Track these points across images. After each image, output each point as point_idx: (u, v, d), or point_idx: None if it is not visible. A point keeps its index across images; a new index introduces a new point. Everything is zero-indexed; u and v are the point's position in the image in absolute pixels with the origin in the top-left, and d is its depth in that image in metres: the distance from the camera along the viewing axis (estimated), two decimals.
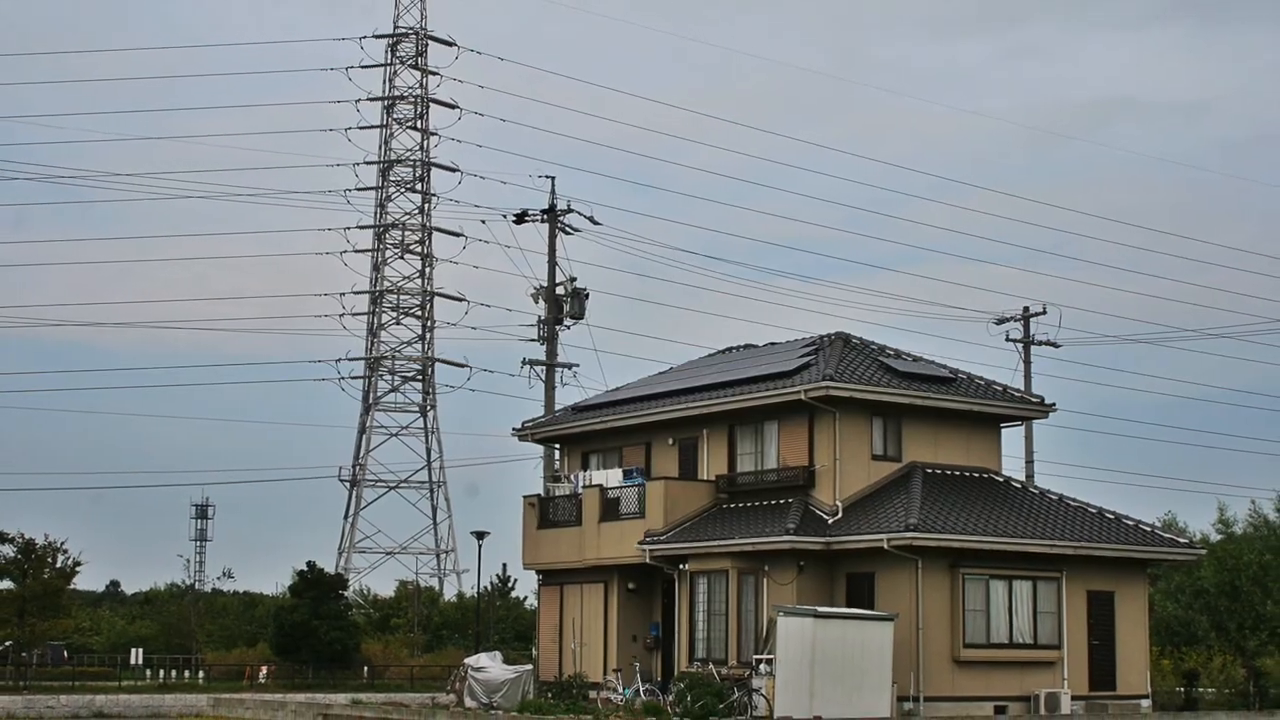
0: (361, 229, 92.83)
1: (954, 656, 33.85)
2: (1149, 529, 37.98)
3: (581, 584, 39.68)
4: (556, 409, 47.57)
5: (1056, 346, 59.81)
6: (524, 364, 50.72)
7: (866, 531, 34.09)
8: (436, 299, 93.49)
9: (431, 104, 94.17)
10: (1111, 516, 37.50)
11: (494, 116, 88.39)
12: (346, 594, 69.32)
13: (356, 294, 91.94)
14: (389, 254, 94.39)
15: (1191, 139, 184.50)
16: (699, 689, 32.61)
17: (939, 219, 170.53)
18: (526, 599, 77.28)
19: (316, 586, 63.45)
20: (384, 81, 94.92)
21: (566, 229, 52.10)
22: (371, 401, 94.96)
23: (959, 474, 37.39)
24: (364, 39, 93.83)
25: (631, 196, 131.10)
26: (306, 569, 64.42)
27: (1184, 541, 40.31)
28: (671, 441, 39.58)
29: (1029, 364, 59.22)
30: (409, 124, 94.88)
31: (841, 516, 35.13)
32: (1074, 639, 35.66)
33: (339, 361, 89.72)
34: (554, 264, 51.47)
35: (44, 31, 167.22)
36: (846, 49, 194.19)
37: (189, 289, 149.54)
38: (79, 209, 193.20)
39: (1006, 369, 58.31)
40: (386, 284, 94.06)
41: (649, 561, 37.15)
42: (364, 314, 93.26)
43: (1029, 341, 59.44)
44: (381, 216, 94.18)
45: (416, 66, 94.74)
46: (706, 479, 38.44)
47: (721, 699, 32.34)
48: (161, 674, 63.63)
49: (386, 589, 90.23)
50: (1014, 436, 56.12)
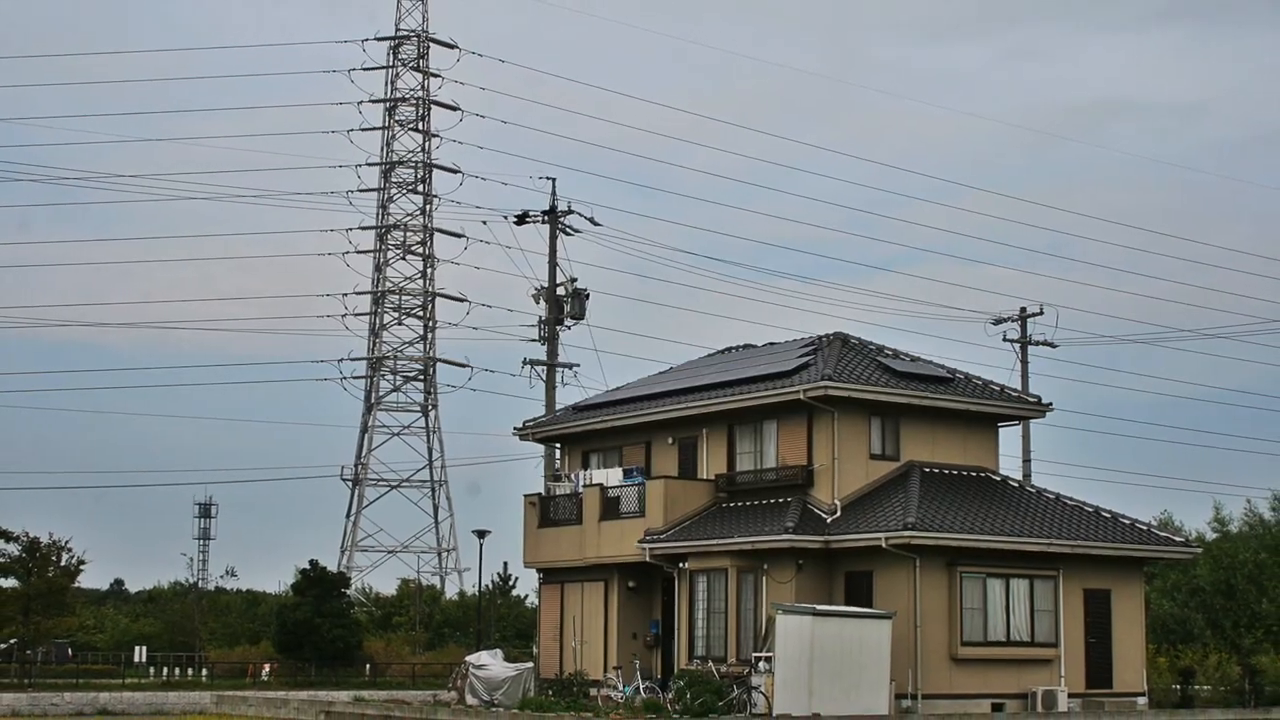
0: (363, 230, 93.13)
1: (951, 654, 33.98)
2: (1145, 528, 38.10)
3: (582, 582, 39.82)
4: (557, 409, 47.72)
5: (1053, 346, 59.91)
6: (525, 364, 50.86)
7: (865, 530, 34.23)
8: (438, 299, 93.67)
9: (433, 106, 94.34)
10: (1108, 515, 37.59)
11: (495, 118, 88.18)
12: (349, 592, 69.34)
13: (358, 294, 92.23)
14: (391, 255, 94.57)
15: (1187, 141, 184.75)
16: (699, 686, 32.79)
17: (937, 220, 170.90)
18: (527, 597, 77.48)
19: (319, 585, 63.56)
20: (386, 83, 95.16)
21: (567, 230, 52.31)
22: (373, 401, 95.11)
23: (956, 473, 37.54)
24: (366, 41, 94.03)
25: (632, 198, 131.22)
26: (309, 567, 64.51)
27: (1180, 540, 40.32)
28: (671, 441, 39.74)
29: (1026, 364, 59.29)
30: (410, 126, 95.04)
31: (840, 515, 35.28)
32: (1071, 637, 35.79)
33: (341, 361, 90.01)
34: (555, 265, 51.69)
35: (46, 34, 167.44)
36: (845, 51, 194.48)
37: (192, 290, 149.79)
38: (82, 210, 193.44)
39: (1004, 369, 58.52)
40: (388, 284, 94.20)
41: (649, 560, 37.31)
42: (366, 314, 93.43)
43: (1026, 342, 59.49)
44: (383, 218, 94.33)
45: (418, 69, 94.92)
46: (706, 478, 38.60)
47: (721, 696, 32.50)
48: (165, 672, 63.64)
49: (388, 587, 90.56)
50: (1011, 436, 56.41)
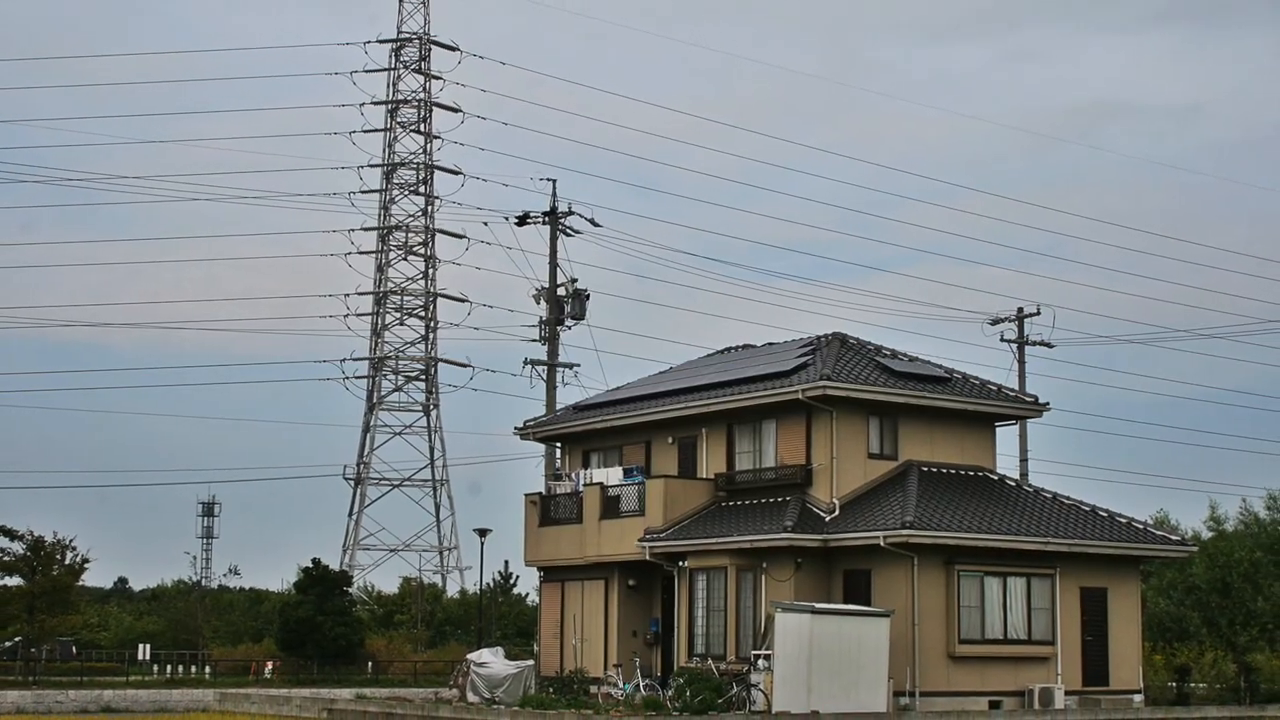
0: (365, 231, 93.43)
1: (949, 652, 34.12)
2: (1141, 527, 38.22)
3: (582, 580, 39.95)
4: (558, 408, 47.91)
5: (1050, 347, 60.16)
6: (526, 364, 51.16)
7: (863, 529, 34.37)
8: (439, 300, 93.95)
9: (434, 108, 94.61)
10: (1104, 514, 37.70)
11: (496, 120, 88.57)
12: (351, 590, 69.57)
13: (361, 295, 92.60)
14: (392, 256, 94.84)
15: (1185, 142, 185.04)
16: (698, 684, 32.89)
17: (935, 221, 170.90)
18: (528, 595, 77.66)
19: (321, 583, 63.79)
20: (388, 86, 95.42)
21: (567, 231, 52.59)
22: (375, 401, 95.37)
23: (954, 472, 37.68)
24: (368, 44, 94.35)
25: (632, 199, 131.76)
26: (311, 566, 64.74)
27: (1176, 539, 40.52)
28: (671, 440, 39.88)
29: (1023, 364, 59.46)
30: (412, 127, 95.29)
31: (838, 514, 35.43)
32: (1068, 635, 35.94)
33: (343, 361, 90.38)
34: (555, 265, 51.97)
35: (50, 36, 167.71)
36: (845, 52, 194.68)
37: (196, 290, 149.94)
38: (86, 211, 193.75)
39: (1001, 369, 58.87)
40: (390, 285, 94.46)
41: (649, 558, 37.44)
42: (368, 315, 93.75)
43: (1023, 342, 59.68)
44: (385, 219, 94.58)
45: (420, 71, 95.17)
46: (705, 477, 38.73)
47: (720, 694, 32.62)
48: (168, 669, 63.72)
49: (390, 586, 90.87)
50: (1008, 435, 56.85)
